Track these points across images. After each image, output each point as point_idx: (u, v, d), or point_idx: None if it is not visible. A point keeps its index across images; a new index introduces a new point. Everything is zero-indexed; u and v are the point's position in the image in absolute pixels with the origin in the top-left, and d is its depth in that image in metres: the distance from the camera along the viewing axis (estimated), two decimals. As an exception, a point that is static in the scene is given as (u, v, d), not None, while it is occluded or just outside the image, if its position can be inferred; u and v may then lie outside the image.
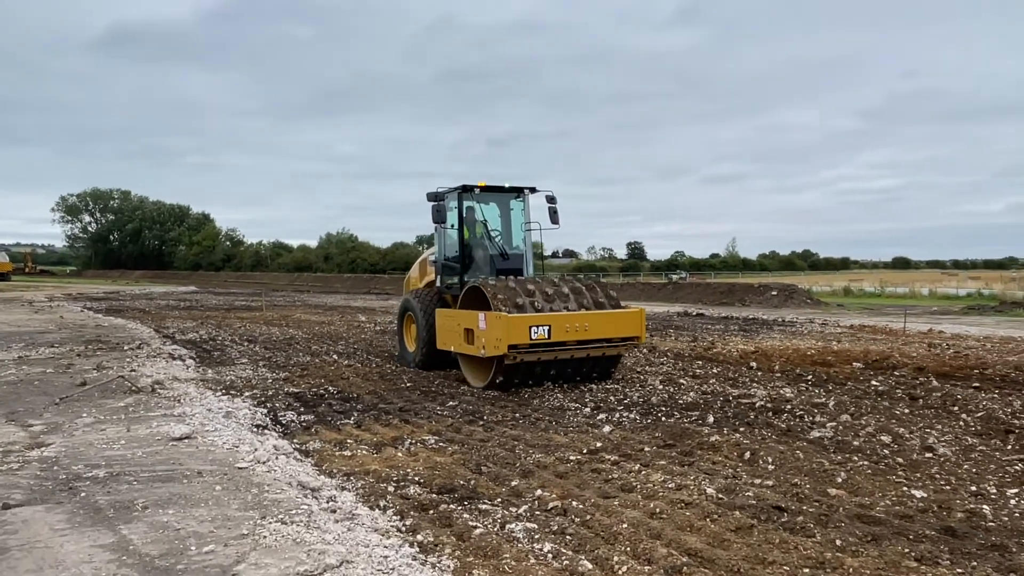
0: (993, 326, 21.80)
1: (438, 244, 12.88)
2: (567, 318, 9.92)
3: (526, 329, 9.47)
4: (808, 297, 35.73)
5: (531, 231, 12.85)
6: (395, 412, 9.11)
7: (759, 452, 6.86)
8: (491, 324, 9.60)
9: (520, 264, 12.50)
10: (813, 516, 5.17)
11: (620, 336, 10.45)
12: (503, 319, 9.39)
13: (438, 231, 12.59)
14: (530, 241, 12.87)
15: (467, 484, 5.96)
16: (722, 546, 4.67)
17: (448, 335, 11.12)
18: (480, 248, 12.41)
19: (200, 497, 5.34)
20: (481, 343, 9.87)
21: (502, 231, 12.69)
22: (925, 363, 12.75)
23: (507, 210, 12.83)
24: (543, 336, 9.58)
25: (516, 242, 12.76)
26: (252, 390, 10.47)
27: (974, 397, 9.67)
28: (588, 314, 10.20)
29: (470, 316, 10.26)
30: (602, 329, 10.23)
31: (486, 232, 12.52)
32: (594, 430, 7.95)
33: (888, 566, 4.32)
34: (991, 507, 5.37)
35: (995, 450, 7.06)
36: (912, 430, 7.81)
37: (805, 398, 9.67)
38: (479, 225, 12.58)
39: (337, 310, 29.72)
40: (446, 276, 12.57)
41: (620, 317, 10.53)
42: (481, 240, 12.54)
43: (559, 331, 9.75)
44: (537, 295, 10.24)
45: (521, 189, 12.59)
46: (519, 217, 12.83)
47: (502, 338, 9.33)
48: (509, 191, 12.58)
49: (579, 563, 4.35)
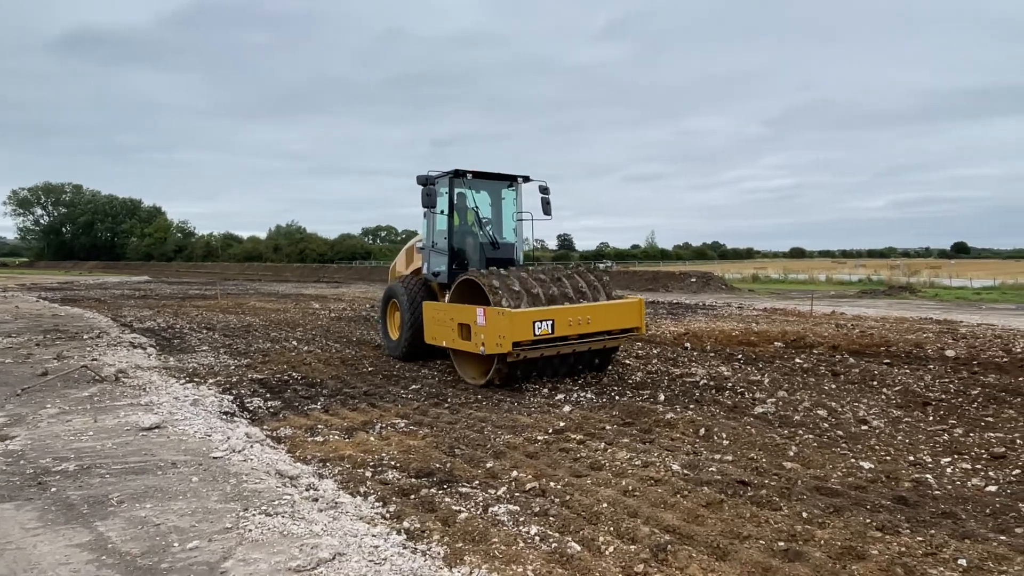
0: (886, 308, 22.58)
1: (426, 230, 11.48)
2: (570, 311, 8.75)
3: (529, 325, 8.29)
4: (723, 284, 36.43)
5: (522, 221, 11.58)
6: (360, 396, 8.67)
7: (713, 428, 6.74)
8: (492, 320, 8.38)
9: (511, 254, 11.27)
10: (776, 490, 5.04)
11: (620, 328, 9.37)
12: (506, 315, 8.17)
13: (427, 216, 11.24)
14: (521, 231, 11.61)
15: (443, 467, 5.62)
16: (697, 522, 4.48)
17: (438, 329, 9.80)
18: (470, 236, 11.16)
19: (177, 489, 4.85)
20: (480, 339, 8.60)
21: (492, 219, 11.40)
22: (837, 342, 12.98)
23: (498, 198, 11.53)
24: (546, 331, 8.44)
25: (507, 232, 11.53)
26: (216, 377, 9.84)
27: (888, 372, 9.85)
28: (590, 306, 9.05)
29: (465, 311, 9.02)
30: (603, 321, 9.12)
31: (477, 220, 11.22)
32: (555, 410, 7.71)
33: (855, 537, 4.21)
34: (933, 476, 5.36)
35: (919, 421, 7.13)
36: (843, 404, 7.85)
37: (741, 376, 9.66)
38: (470, 212, 11.30)
39: (290, 298, 28.69)
40: (434, 264, 11.29)
41: (620, 308, 9.39)
42: (471, 228, 11.29)
43: (562, 325, 8.59)
44: (535, 287, 9.12)
45: (514, 177, 11.35)
46: (510, 206, 11.60)
47: (506, 335, 8.14)
48: (502, 178, 11.30)
49: (567, 545, 4.08)
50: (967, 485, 5.18)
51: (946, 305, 23.92)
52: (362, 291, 35.35)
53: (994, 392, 8.44)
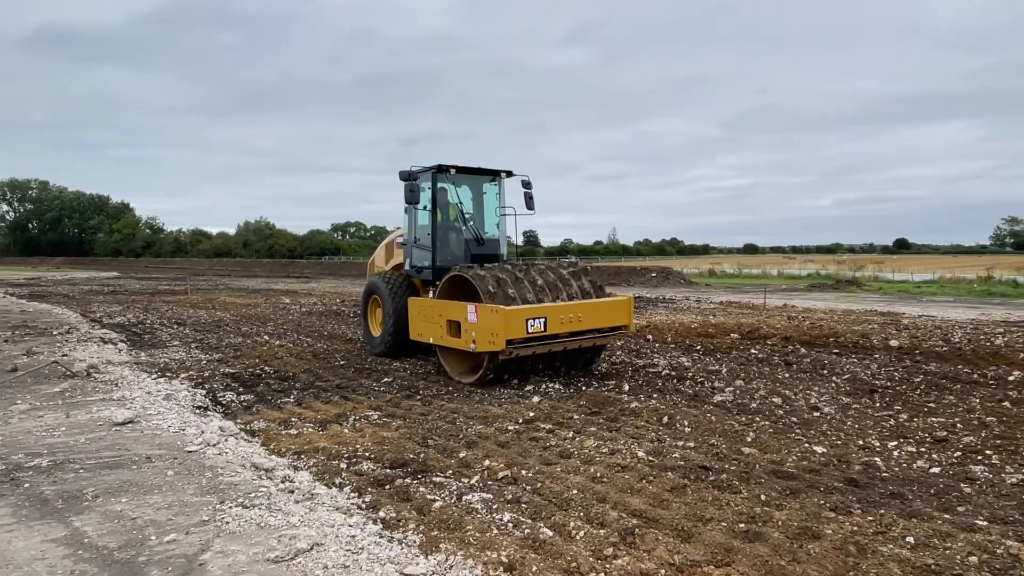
0: (833, 301, 23.13)
1: (408, 226, 10.97)
2: (562, 309, 8.43)
3: (523, 323, 7.96)
4: (681, 278, 36.91)
5: (506, 216, 11.10)
6: (333, 389, 8.56)
7: (675, 416, 6.83)
8: (484, 318, 8.06)
9: (496, 250, 10.90)
10: (735, 474, 5.14)
11: (610, 325, 9.07)
12: (500, 313, 7.83)
13: (409, 212, 10.79)
14: (504, 226, 11.14)
15: (417, 458, 5.59)
16: (663, 506, 4.54)
17: (424, 326, 9.43)
18: (454, 232, 10.75)
19: (153, 483, 4.73)
20: (471, 337, 8.25)
21: (474, 215, 10.93)
22: (789, 333, 13.26)
23: (479, 193, 11.04)
24: (539, 329, 8.10)
25: (489, 227, 11.03)
26: (188, 372, 9.62)
27: (837, 362, 10.10)
28: (582, 304, 8.73)
29: (455, 307, 8.67)
30: (595, 319, 8.80)
31: (461, 215, 10.80)
32: (524, 400, 7.73)
33: (810, 518, 4.31)
34: (881, 459, 5.51)
35: (867, 407, 7.33)
36: (796, 392, 8.02)
37: (701, 366, 9.81)
38: (452, 208, 10.87)
39: (260, 293, 28.22)
40: (417, 260, 10.77)
41: (611, 306, 9.08)
42: (454, 223, 10.85)
43: (554, 323, 8.29)
44: (526, 284, 8.74)
45: (497, 172, 10.89)
46: (492, 201, 11.12)
47: (499, 333, 7.82)
48: (484, 173, 10.81)
49: (539, 530, 4.10)
50: (913, 467, 5.34)
51: (889, 298, 24.59)
52: (332, 286, 34.94)
53: (935, 379, 8.72)
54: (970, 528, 4.11)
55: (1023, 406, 7.22)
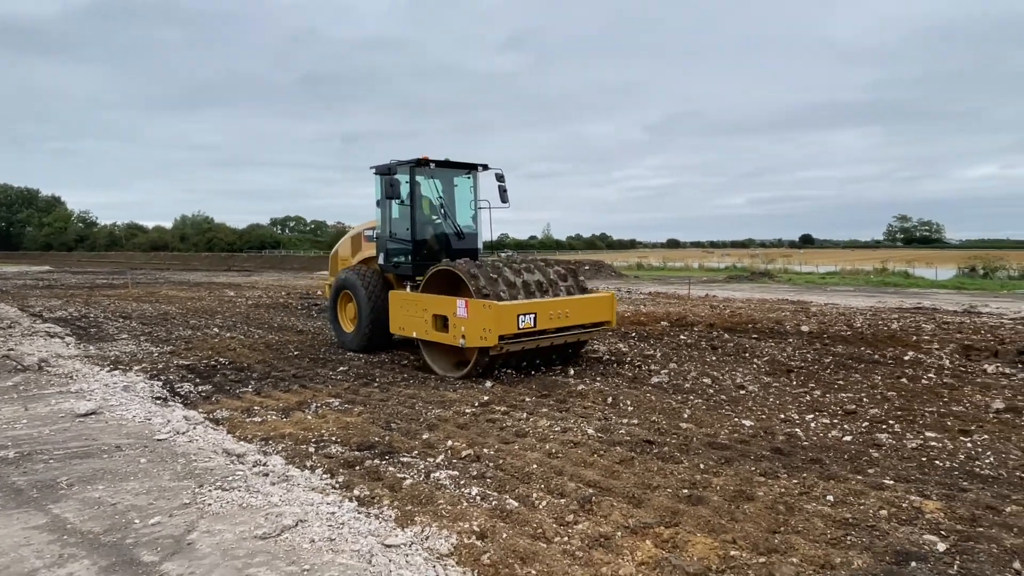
0: (749, 291, 24.21)
1: (382, 220, 10.34)
2: (551, 304, 8.18)
3: (514, 318, 7.69)
4: (613, 271, 37.75)
5: (481, 210, 10.62)
6: (290, 379, 8.47)
7: (618, 397, 7.12)
8: (475, 313, 7.74)
9: (474, 244, 10.49)
10: (676, 446, 5.44)
11: (594, 321, 8.83)
12: (493, 308, 7.56)
13: (384, 206, 10.19)
14: (480, 220, 10.66)
15: (383, 440, 5.66)
16: (614, 476, 4.79)
17: (407, 320, 8.93)
18: (431, 226, 10.24)
19: (127, 471, 4.64)
20: (459, 332, 7.92)
21: (449, 209, 10.46)
22: (713, 320, 13.87)
23: (451, 187, 10.55)
24: (529, 325, 7.82)
25: (463, 221, 10.52)
26: (140, 364, 9.31)
27: (757, 345, 10.66)
28: (569, 300, 8.49)
29: (443, 302, 8.29)
30: (580, 315, 8.55)
31: (440, 209, 10.33)
32: (478, 385, 7.86)
33: (744, 482, 4.64)
34: (801, 430, 5.94)
35: (785, 385, 7.82)
36: (723, 373, 8.46)
37: (637, 351, 10.18)
38: (425, 201, 10.34)
39: (203, 286, 27.24)
40: (393, 254, 10.23)
41: (595, 302, 8.84)
42: (431, 218, 10.36)
43: (544, 319, 8.02)
44: (514, 280, 8.44)
45: (473, 166, 10.39)
46: (466, 194, 10.64)
47: (492, 328, 7.54)
48: (459, 167, 10.32)
49: (506, 502, 4.27)
50: (828, 436, 5.78)
51: (798, 288, 25.92)
52: (275, 279, 34.05)
53: (842, 360, 9.35)
54: (879, 487, 4.52)
55: (918, 382, 7.86)
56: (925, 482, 4.61)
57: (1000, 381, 7.82)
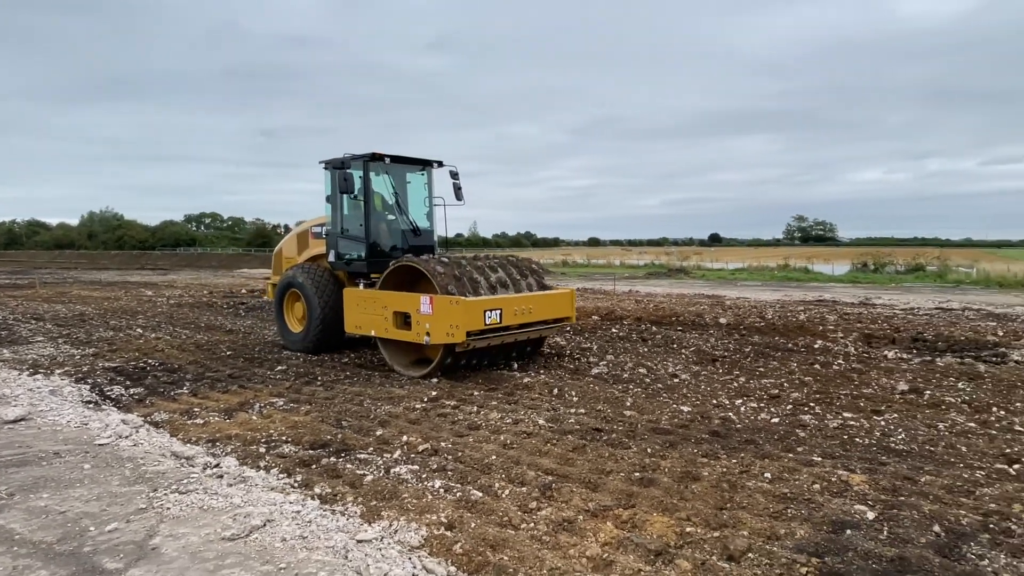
0: (668, 286, 25.12)
1: (333, 216, 9.88)
2: (515, 301, 8.03)
3: (481, 314, 7.52)
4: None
5: (436, 207, 10.33)
6: (227, 379, 8.14)
7: (563, 388, 7.27)
8: (441, 309, 7.48)
9: (430, 240, 10.18)
10: (623, 433, 5.63)
11: (556, 317, 8.70)
12: (462, 304, 7.35)
13: (335, 201, 9.78)
14: (434, 217, 10.38)
15: (335, 438, 5.55)
16: (570, 464, 4.91)
17: (364, 318, 8.55)
18: (385, 222, 9.86)
19: (72, 477, 4.35)
20: (424, 329, 7.65)
21: (402, 205, 10.09)
22: (640, 314, 14.33)
23: (404, 183, 10.16)
24: (496, 320, 7.67)
25: (418, 217, 10.19)
26: (63, 368, 8.70)
27: (683, 337, 11.12)
28: (532, 296, 8.35)
29: (405, 298, 7.99)
30: (543, 311, 8.43)
31: (397, 206, 9.95)
32: (424, 381, 7.83)
33: (688, 463, 4.86)
34: (733, 414, 6.26)
35: (713, 373, 8.21)
36: (656, 363, 8.79)
37: (575, 344, 10.40)
38: (378, 197, 9.92)
39: (117, 286, 25.62)
40: (345, 251, 9.76)
41: (557, 298, 8.72)
42: (385, 214, 9.99)
43: (509, 315, 7.86)
44: (477, 276, 8.24)
45: (428, 162, 10.10)
46: (420, 191, 10.34)
47: (459, 324, 7.33)
48: (414, 163, 9.97)
49: (469, 492, 4.30)
50: (758, 419, 6.13)
51: (712, 283, 27.11)
52: (193, 278, 32.44)
53: (760, 349, 9.90)
54: (810, 464, 4.85)
55: (830, 368, 8.44)
56: (849, 458, 4.99)
57: (900, 365, 8.52)
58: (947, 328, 11.78)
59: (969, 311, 14.82)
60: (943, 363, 8.61)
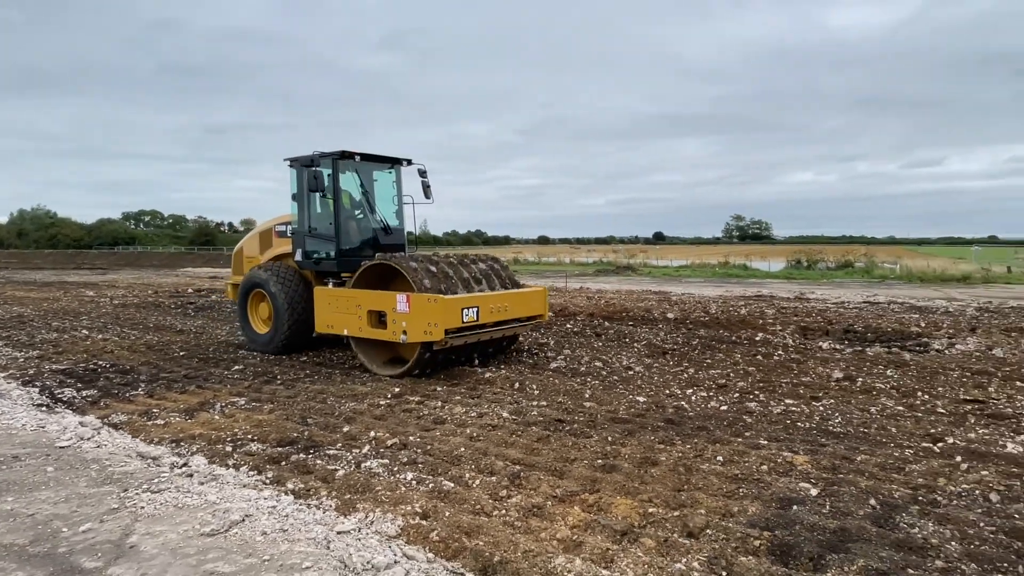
0: (617, 283, 25.67)
1: (300, 214, 9.65)
2: (491, 299, 7.97)
3: (459, 312, 7.43)
4: (488, 265, 38.30)
5: (405, 205, 10.19)
6: (183, 380, 7.97)
7: (524, 382, 7.43)
8: (419, 307, 7.37)
9: (402, 239, 10.00)
10: (584, 423, 5.82)
11: (529, 315, 8.67)
12: (440, 302, 7.24)
13: (302, 200, 9.55)
14: (403, 215, 10.25)
15: (302, 436, 5.56)
16: (535, 453, 5.06)
17: (337, 317, 8.34)
18: (355, 220, 9.68)
19: (36, 480, 4.24)
20: (400, 327, 7.52)
21: (371, 203, 9.95)
22: (592, 310, 14.66)
23: (371, 181, 10.01)
24: (473, 318, 7.60)
25: (388, 216, 10.00)
26: (7, 371, 8.35)
27: (634, 331, 11.45)
28: (507, 294, 8.30)
29: (380, 297, 7.84)
30: (518, 309, 8.38)
31: (366, 204, 9.82)
32: (386, 378, 7.85)
33: (647, 450, 5.09)
34: (685, 402, 6.55)
35: (664, 365, 8.51)
36: (611, 356, 9.05)
37: (532, 340, 10.58)
38: (346, 195, 9.76)
39: (55, 286, 24.45)
40: (313, 250, 9.53)
41: (531, 296, 8.72)
42: (353, 212, 9.81)
43: (486, 312, 7.78)
44: (451, 274, 8.15)
45: (398, 160, 9.90)
46: (388, 189, 10.16)
47: (438, 322, 7.21)
48: (382, 161, 9.77)
49: (441, 484, 4.40)
50: (708, 407, 6.43)
51: (658, 280, 27.82)
52: (135, 277, 31.24)
53: (706, 342, 10.30)
54: (757, 447, 5.15)
55: (771, 358, 8.87)
56: (792, 440, 5.31)
57: (835, 355, 9.03)
58: (875, 320, 12.51)
59: (894, 304, 15.75)
60: (872, 352, 9.17)
